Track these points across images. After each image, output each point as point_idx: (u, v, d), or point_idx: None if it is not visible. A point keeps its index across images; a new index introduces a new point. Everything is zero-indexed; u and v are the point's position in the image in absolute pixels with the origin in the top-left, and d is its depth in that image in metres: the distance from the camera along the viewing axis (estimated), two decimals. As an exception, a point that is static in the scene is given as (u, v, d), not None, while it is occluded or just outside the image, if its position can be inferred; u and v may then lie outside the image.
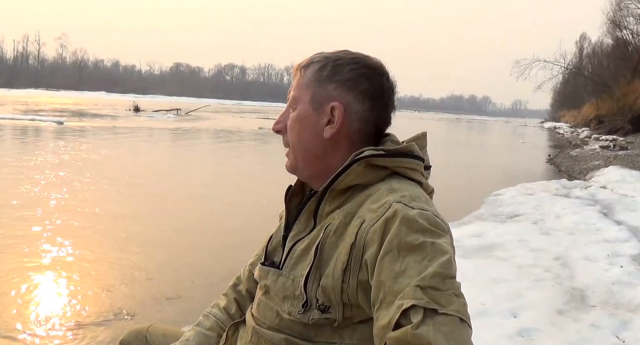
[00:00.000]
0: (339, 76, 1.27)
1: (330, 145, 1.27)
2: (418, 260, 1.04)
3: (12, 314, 4.12)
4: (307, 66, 1.31)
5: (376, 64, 1.30)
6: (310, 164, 1.31)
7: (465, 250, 5.72)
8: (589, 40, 64.69)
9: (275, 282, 1.27)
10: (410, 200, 1.13)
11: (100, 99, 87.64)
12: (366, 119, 1.28)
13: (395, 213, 1.10)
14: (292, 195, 1.39)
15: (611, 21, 42.21)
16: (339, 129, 1.26)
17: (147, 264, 5.46)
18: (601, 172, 13.90)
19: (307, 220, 1.28)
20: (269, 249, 1.39)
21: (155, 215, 7.73)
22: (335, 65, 1.27)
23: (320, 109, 1.27)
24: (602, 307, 4.19)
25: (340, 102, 1.25)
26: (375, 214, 1.13)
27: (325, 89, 1.27)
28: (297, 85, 1.32)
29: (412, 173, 1.25)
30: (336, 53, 1.31)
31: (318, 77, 1.28)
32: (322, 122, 1.27)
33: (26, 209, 7.30)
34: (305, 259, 1.22)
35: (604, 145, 23.77)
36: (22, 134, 19.46)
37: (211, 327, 1.48)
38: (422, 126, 53.88)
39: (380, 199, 1.16)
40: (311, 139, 1.28)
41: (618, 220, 7.64)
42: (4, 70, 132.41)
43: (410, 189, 1.18)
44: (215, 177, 12.12)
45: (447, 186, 12.10)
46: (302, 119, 1.29)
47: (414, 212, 1.10)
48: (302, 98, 1.30)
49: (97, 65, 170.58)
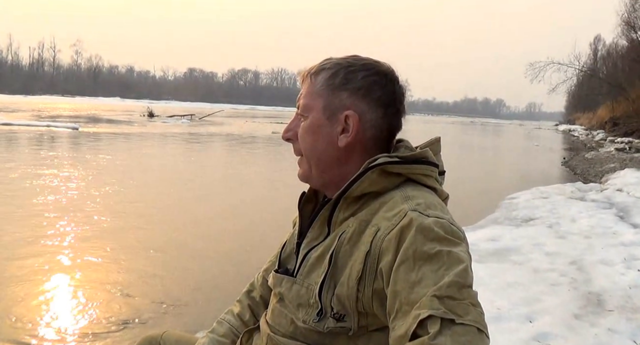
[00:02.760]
0: (352, 84, 1.25)
1: (345, 153, 1.26)
2: (434, 269, 1.03)
3: (23, 320, 4.14)
4: (318, 73, 1.29)
5: (387, 70, 1.29)
6: (325, 172, 1.29)
7: (480, 255, 5.69)
8: (604, 42, 64.36)
9: (290, 290, 1.27)
10: (426, 208, 1.13)
11: (115, 104, 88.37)
12: (380, 126, 1.26)
13: (411, 221, 1.09)
14: (305, 201, 1.38)
15: (625, 22, 41.91)
16: (354, 138, 1.25)
17: (161, 269, 5.48)
18: (617, 175, 13.77)
19: (321, 228, 1.27)
20: (283, 256, 1.38)
21: (170, 220, 7.75)
22: (347, 72, 1.25)
23: (333, 118, 1.26)
24: (619, 312, 4.15)
25: (354, 111, 1.24)
26: (391, 222, 1.12)
27: (338, 97, 1.25)
28: (307, 92, 1.30)
29: (427, 179, 1.24)
30: (347, 59, 1.29)
31: (330, 85, 1.26)
32: (336, 131, 1.26)
33: (39, 213, 7.36)
34: (319, 267, 1.21)
35: (619, 148, 23.61)
36: (38, 140, 19.63)
37: (225, 334, 1.48)
38: (435, 129, 53.87)
39: (395, 207, 1.15)
40: (325, 148, 1.27)
41: (634, 223, 7.56)
42: (20, 77, 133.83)
43: (425, 196, 1.17)
44: (230, 182, 12.14)
45: (462, 190, 12.06)
46: (315, 128, 1.27)
47: (429, 221, 1.09)
48: (314, 106, 1.28)
49: (111, 71, 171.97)
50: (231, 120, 48.12)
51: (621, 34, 45.23)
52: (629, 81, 42.47)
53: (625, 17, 41.75)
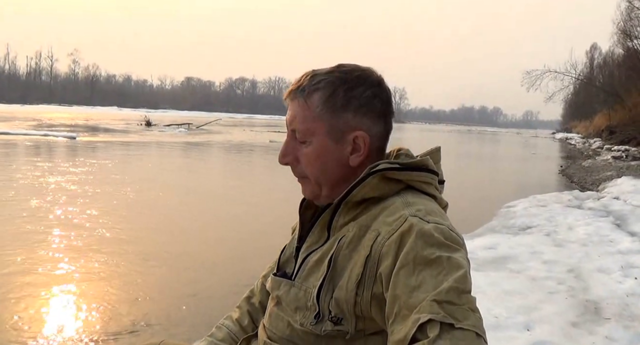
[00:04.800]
0: (354, 103, 1.24)
1: (357, 170, 1.26)
2: (434, 274, 1.04)
3: (24, 328, 4.14)
4: (311, 94, 1.25)
5: (377, 77, 1.29)
6: (336, 188, 1.28)
7: (478, 263, 5.69)
8: (600, 50, 64.55)
9: (288, 293, 1.27)
10: (426, 214, 1.14)
11: (112, 113, 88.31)
12: (382, 136, 1.29)
13: (411, 227, 1.10)
14: (306, 207, 1.38)
15: (622, 31, 42.04)
16: (366, 156, 1.26)
17: (158, 279, 5.47)
18: (614, 183, 13.80)
19: (320, 232, 1.28)
20: (282, 260, 1.39)
21: (167, 229, 7.75)
22: (346, 90, 1.24)
23: (342, 140, 1.25)
24: (616, 320, 4.16)
25: (364, 131, 1.25)
26: (391, 227, 1.13)
27: (342, 119, 1.24)
28: (302, 117, 1.26)
29: (427, 187, 1.25)
30: (335, 74, 1.26)
31: (331, 107, 1.24)
32: (346, 152, 1.26)
33: (38, 223, 7.35)
34: (318, 270, 1.22)
35: (616, 156, 23.65)
36: (36, 150, 19.61)
37: (223, 339, 1.49)
38: (433, 138, 53.93)
39: (395, 212, 1.16)
40: (336, 169, 1.27)
41: (632, 231, 7.58)
42: (18, 86, 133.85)
43: (425, 203, 1.19)
44: (228, 191, 12.14)
45: (460, 198, 12.07)
46: (323, 153, 1.26)
47: (429, 226, 1.11)
48: (315, 131, 1.25)
49: (109, 80, 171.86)
50: (229, 129, 48.12)
51: (617, 43, 45.40)
52: (625, 89, 42.59)
53: (621, 26, 41.89)
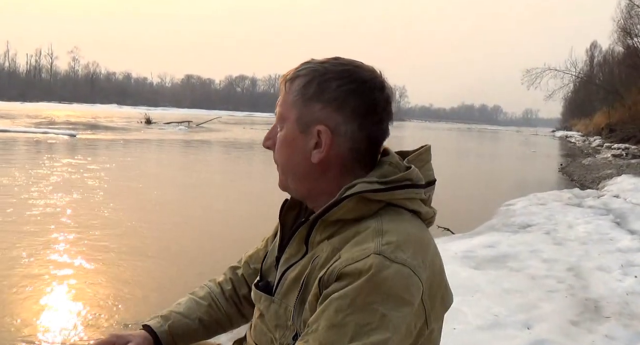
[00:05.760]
0: (326, 95, 1.17)
1: (320, 168, 1.20)
2: (361, 324, 1.00)
3: (23, 326, 4.15)
4: (293, 80, 1.21)
5: (368, 75, 1.20)
6: (301, 185, 1.24)
7: (477, 261, 5.69)
8: (600, 48, 64.60)
9: (268, 309, 1.25)
10: (395, 250, 1.06)
11: (112, 111, 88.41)
12: (358, 139, 1.19)
13: (369, 268, 1.04)
14: (288, 208, 1.34)
15: (622, 29, 42.07)
16: (327, 154, 1.18)
17: (158, 273, 5.48)
18: (614, 181, 13.80)
19: (299, 245, 1.23)
20: (264, 267, 1.36)
21: (167, 226, 7.75)
22: (321, 81, 1.18)
23: (307, 131, 1.19)
24: (616, 318, 4.16)
25: (327, 125, 1.17)
26: (352, 258, 1.07)
27: (311, 110, 1.18)
28: (283, 101, 1.23)
29: (410, 203, 1.18)
30: (324, 64, 1.20)
31: (303, 95, 1.19)
32: (310, 146, 1.19)
33: (37, 221, 7.36)
34: (295, 289, 1.19)
35: (616, 154, 23.68)
36: (36, 147, 19.62)
37: (204, 297, 1.51)
38: (433, 137, 53.90)
39: (364, 242, 1.09)
40: (300, 161, 1.21)
41: (631, 229, 7.58)
42: (18, 84, 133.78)
43: (400, 230, 1.11)
44: (228, 189, 12.14)
45: (460, 196, 12.08)
46: (290, 141, 1.22)
47: (386, 273, 1.03)
48: (288, 117, 1.22)
49: (109, 77, 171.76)
50: (229, 127, 48.12)
51: (617, 40, 45.43)
52: (625, 87, 42.64)
53: (622, 24, 41.92)
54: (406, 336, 1.05)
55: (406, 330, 1.05)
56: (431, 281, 1.10)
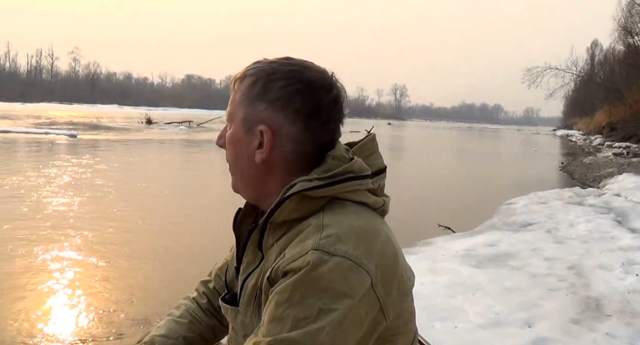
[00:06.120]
0: (269, 94, 1.16)
1: (265, 169, 1.19)
2: (299, 318, 1.00)
3: (24, 325, 4.16)
4: (242, 79, 1.21)
5: (314, 76, 1.17)
6: (250, 186, 1.23)
7: (478, 260, 5.69)
8: (601, 47, 64.56)
9: (235, 320, 1.25)
10: (335, 243, 1.04)
11: (113, 111, 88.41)
12: (301, 141, 1.16)
13: (307, 264, 1.03)
14: (243, 217, 1.31)
15: (622, 27, 42.05)
16: (268, 154, 1.16)
17: (162, 275, 5.48)
18: (615, 180, 13.81)
19: (254, 252, 1.21)
20: (228, 279, 1.35)
21: (169, 227, 7.76)
22: (266, 81, 1.17)
23: (251, 131, 1.18)
24: (617, 317, 4.16)
25: (268, 126, 1.15)
26: (293, 255, 1.06)
27: (255, 109, 1.17)
28: (232, 100, 1.23)
29: (354, 195, 1.15)
30: (272, 64, 1.19)
31: (249, 94, 1.18)
32: (254, 146, 1.18)
33: (38, 221, 7.37)
34: (254, 295, 1.18)
35: (617, 153, 23.67)
36: (37, 148, 19.63)
37: (182, 315, 1.49)
38: (433, 135, 53.90)
39: (305, 240, 1.07)
40: (246, 162, 1.20)
41: (632, 228, 7.58)
42: (18, 84, 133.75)
43: (343, 222, 1.09)
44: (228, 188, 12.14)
45: (460, 195, 12.09)
46: (236, 141, 1.21)
47: (324, 268, 1.02)
48: (235, 117, 1.21)
49: (109, 78, 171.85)
50: (229, 126, 48.03)
51: (618, 39, 45.42)
52: (626, 86, 42.59)
53: (622, 22, 41.89)
54: (355, 327, 1.03)
55: (352, 321, 1.03)
56: (382, 269, 1.07)
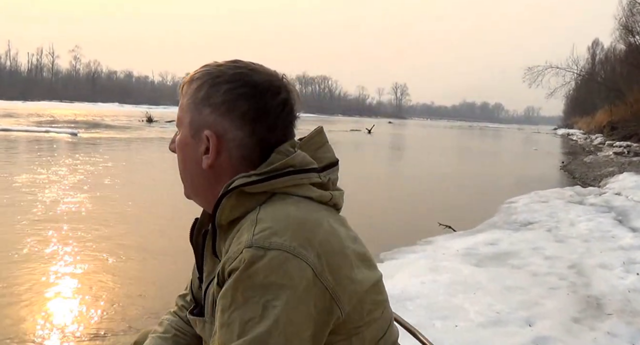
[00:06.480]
0: (214, 99, 1.14)
1: (213, 175, 1.16)
2: (245, 320, 0.98)
3: (34, 324, 4.17)
4: (190, 83, 1.18)
5: (261, 79, 1.15)
6: (200, 192, 1.21)
7: (479, 259, 5.69)
8: (602, 46, 64.57)
9: (203, 331, 1.22)
10: (269, 236, 1.01)
11: (114, 110, 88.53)
12: (249, 145, 1.14)
13: (241, 262, 1.00)
14: (200, 227, 1.26)
15: (623, 27, 42.02)
16: (214, 160, 1.14)
17: (163, 272, 5.49)
18: (615, 179, 13.80)
19: (212, 260, 1.19)
20: (194, 291, 1.33)
21: (172, 224, 7.76)
22: (212, 85, 1.14)
23: (197, 136, 1.15)
24: (618, 316, 4.16)
25: (214, 131, 1.13)
26: (231, 256, 1.04)
27: (201, 114, 1.15)
28: (180, 104, 1.20)
29: (296, 189, 1.12)
30: (220, 67, 1.17)
31: (195, 99, 1.16)
32: (200, 151, 1.15)
33: (41, 219, 7.37)
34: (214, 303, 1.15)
35: (618, 152, 23.66)
36: (37, 146, 19.64)
37: (166, 330, 1.46)
38: (434, 134, 53.89)
39: (241, 236, 1.04)
40: (194, 167, 1.18)
41: (633, 227, 7.58)
42: (19, 83, 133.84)
43: (277, 215, 1.06)
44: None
45: (461, 194, 12.09)
46: (184, 146, 1.19)
47: (260, 264, 0.99)
48: (183, 121, 1.18)
49: (110, 76, 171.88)
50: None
51: (619, 38, 45.38)
52: (627, 85, 42.58)
53: (623, 21, 41.88)
54: (306, 320, 1.00)
55: (301, 314, 1.00)
56: (327, 259, 1.04)
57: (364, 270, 1.11)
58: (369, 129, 48.32)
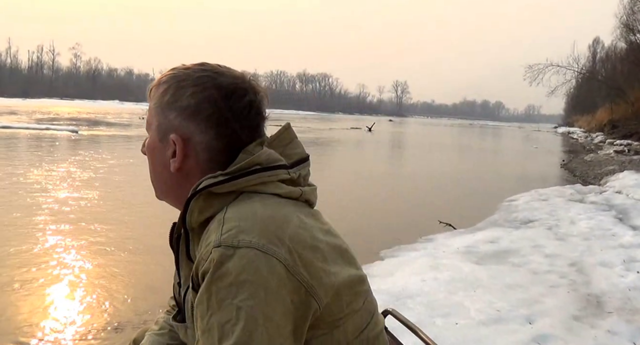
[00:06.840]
0: (179, 102, 1.13)
1: (181, 178, 1.16)
2: (222, 322, 0.97)
3: (32, 322, 4.17)
4: (157, 87, 1.18)
5: (227, 81, 1.15)
6: (170, 196, 1.22)
7: (479, 256, 5.70)
8: (603, 44, 64.44)
9: (186, 336, 1.22)
10: (237, 235, 1.01)
11: (114, 107, 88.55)
12: (215, 148, 1.14)
13: (211, 263, 1.00)
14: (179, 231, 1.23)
15: (624, 25, 41.93)
16: (181, 163, 1.14)
17: (163, 271, 5.49)
18: (616, 177, 13.80)
19: (187, 265, 1.18)
20: (177, 297, 1.31)
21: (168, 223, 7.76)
22: (177, 88, 1.14)
23: (164, 140, 1.16)
24: (618, 314, 4.16)
25: (179, 134, 1.13)
26: (201, 258, 1.03)
27: (167, 118, 1.15)
28: (148, 108, 1.20)
29: (264, 187, 1.11)
30: (186, 70, 1.17)
31: (161, 102, 1.16)
32: (168, 155, 1.15)
33: (39, 217, 7.38)
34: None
35: (618, 150, 23.63)
36: (38, 144, 19.64)
37: (162, 327, 1.48)
38: (434, 132, 53.84)
39: (209, 238, 1.04)
40: (162, 170, 1.18)
41: (634, 225, 7.58)
42: (19, 80, 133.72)
43: (243, 213, 1.05)
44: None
45: (461, 192, 12.09)
46: (152, 149, 1.19)
47: (229, 264, 0.98)
48: (151, 125, 1.19)
49: (110, 74, 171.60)
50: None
51: (620, 37, 45.25)
52: (627, 83, 42.49)
53: (624, 20, 41.77)
54: (284, 316, 1.00)
55: (276, 311, 0.99)
56: (299, 254, 1.03)
57: (339, 262, 1.11)
58: (369, 127, 48.37)
